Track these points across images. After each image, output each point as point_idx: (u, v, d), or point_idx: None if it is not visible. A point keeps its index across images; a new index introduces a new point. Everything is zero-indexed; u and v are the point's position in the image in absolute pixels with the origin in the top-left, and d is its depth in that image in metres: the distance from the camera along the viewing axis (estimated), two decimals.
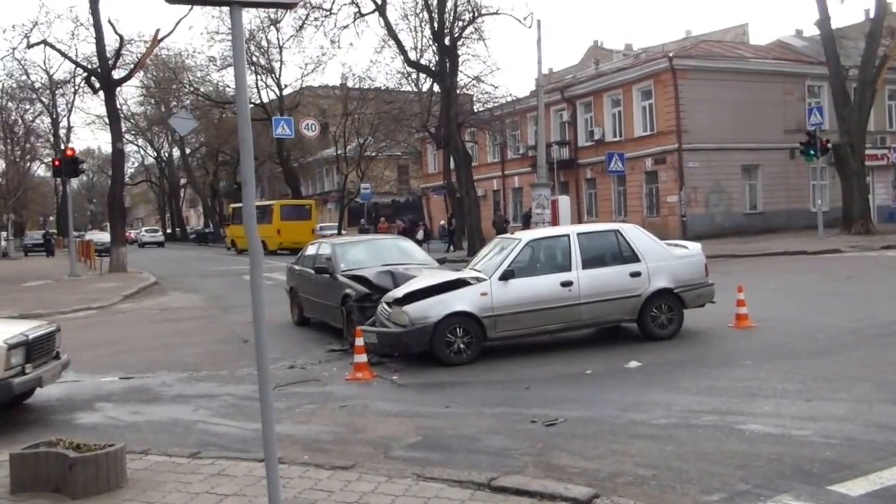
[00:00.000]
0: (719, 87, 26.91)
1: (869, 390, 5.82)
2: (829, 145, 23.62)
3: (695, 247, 9.15)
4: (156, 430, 5.97)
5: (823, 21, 24.18)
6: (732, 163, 27.62)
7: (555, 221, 20.48)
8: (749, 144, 27.50)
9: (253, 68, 35.59)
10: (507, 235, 9.70)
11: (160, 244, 51.47)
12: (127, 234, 33.10)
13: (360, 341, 7.43)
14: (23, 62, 35.00)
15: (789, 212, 28.39)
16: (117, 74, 24.85)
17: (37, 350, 6.06)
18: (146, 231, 56.97)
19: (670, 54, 28.30)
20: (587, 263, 8.34)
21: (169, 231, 64.15)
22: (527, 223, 27.40)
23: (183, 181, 62.84)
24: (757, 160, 28.17)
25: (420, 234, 33.20)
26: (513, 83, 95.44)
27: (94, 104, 75.86)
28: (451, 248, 30.09)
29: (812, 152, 23.44)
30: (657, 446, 4.74)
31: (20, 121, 44.41)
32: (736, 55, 29.24)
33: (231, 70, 34.61)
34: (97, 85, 24.71)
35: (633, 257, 8.51)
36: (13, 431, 6.03)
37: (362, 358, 7.39)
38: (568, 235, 8.59)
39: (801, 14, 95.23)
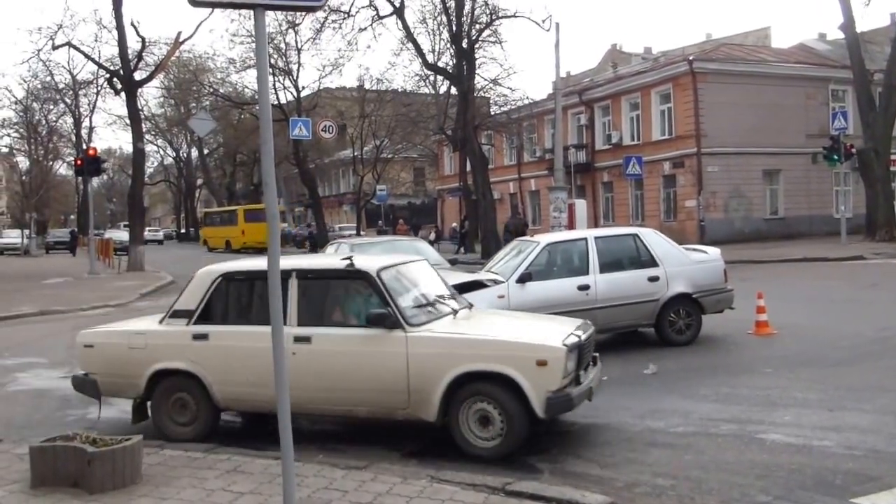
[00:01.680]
0: (740, 91, 26.68)
1: (894, 401, 5.72)
2: (854, 150, 23.32)
3: (714, 252, 9.09)
4: None
5: (848, 25, 23.90)
6: (753, 167, 27.39)
7: (571, 225, 20.38)
8: (770, 149, 27.22)
9: (271, 70, 35.87)
10: (526, 238, 9.68)
11: (159, 242, 52.80)
12: None
13: None
14: (48, 63, 35.56)
15: (811, 217, 28.07)
16: (139, 76, 25.15)
17: (584, 353, 5.09)
18: (148, 231, 57.94)
19: (690, 57, 28.13)
20: (605, 267, 8.32)
21: (183, 231, 64.84)
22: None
23: (200, 181, 63.43)
24: (778, 165, 27.90)
25: (431, 236, 33.33)
26: (530, 86, 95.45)
27: (116, 105, 76.82)
28: (462, 250, 30.18)
29: (836, 157, 23.14)
30: (675, 455, 4.69)
31: (44, 121, 45.12)
32: (757, 59, 29.00)
33: (250, 72, 34.97)
34: (119, 86, 25.01)
35: (652, 261, 8.46)
36: (29, 423, 6.10)
37: None
38: (586, 239, 8.57)
39: (824, 17, 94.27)
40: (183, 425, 5.42)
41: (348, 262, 5.13)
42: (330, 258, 6.32)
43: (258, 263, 5.53)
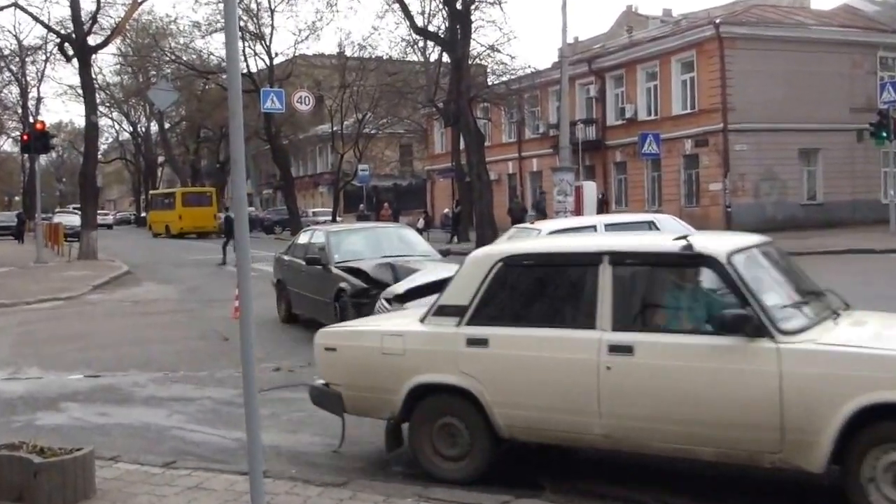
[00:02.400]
0: (773, 59, 26.54)
1: None
2: None
3: None
4: (126, 434, 6.03)
5: None
6: (787, 146, 27.33)
7: (578, 211, 20.40)
8: (807, 125, 27.13)
9: (241, 34, 35.65)
10: (526, 225, 9.67)
11: (109, 227, 53.04)
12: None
13: None
14: None
15: (854, 203, 27.96)
16: (93, 41, 24.98)
17: None
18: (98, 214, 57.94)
19: (716, 20, 28.01)
20: None
21: (143, 215, 64.65)
22: (541, 211, 27.21)
23: (161, 159, 63.16)
24: (817, 143, 27.86)
25: (420, 223, 33.36)
26: (532, 54, 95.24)
27: (67, 73, 76.57)
28: (456, 238, 30.16)
29: (884, 135, 22.99)
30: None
31: None
32: (794, 21, 28.92)
33: (217, 37, 34.82)
34: (71, 52, 24.83)
35: None
36: None
37: None
38: (594, 226, 8.56)
39: None
40: (451, 459, 4.62)
41: (684, 242, 4.19)
42: (655, 238, 5.36)
43: (554, 244, 5.02)
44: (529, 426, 4.44)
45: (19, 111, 46.01)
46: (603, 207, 26.17)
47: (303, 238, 11.82)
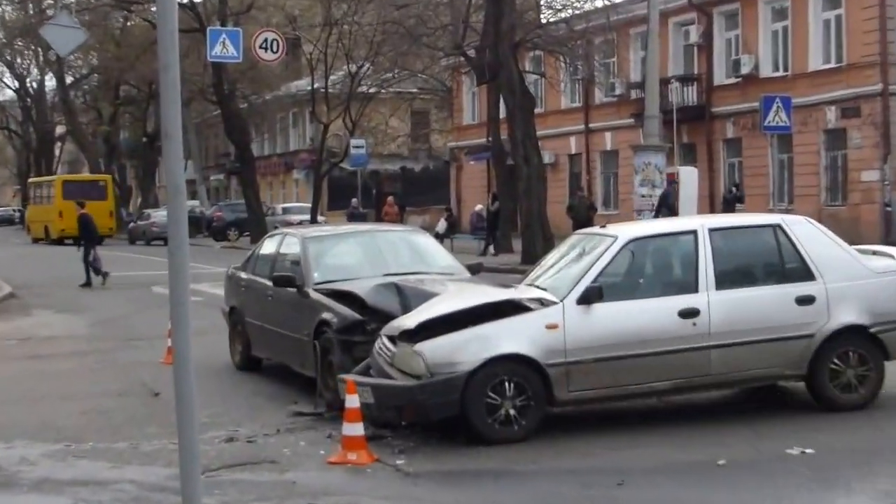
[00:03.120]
0: None
1: None
2: None
3: None
4: None
5: None
6: None
7: (672, 209, 20.41)
8: None
9: None
10: (595, 230, 9.68)
11: None
12: None
13: (353, 400, 7.50)
14: None
15: None
16: None
17: None
18: None
19: None
20: (724, 280, 8.34)
21: None
22: (666, 206, 26.38)
23: (61, 130, 63.76)
24: None
25: (441, 226, 33.53)
26: None
27: None
28: (493, 247, 30.22)
29: None
30: None
31: None
32: None
33: None
34: None
35: (804, 271, 8.49)
36: None
37: (356, 429, 7.41)
38: (695, 232, 8.57)
39: None
40: None
41: None
42: None
43: None
44: None
45: None
46: (732, 205, 26.00)
47: (268, 246, 11.79)
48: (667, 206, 22.08)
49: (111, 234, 41.53)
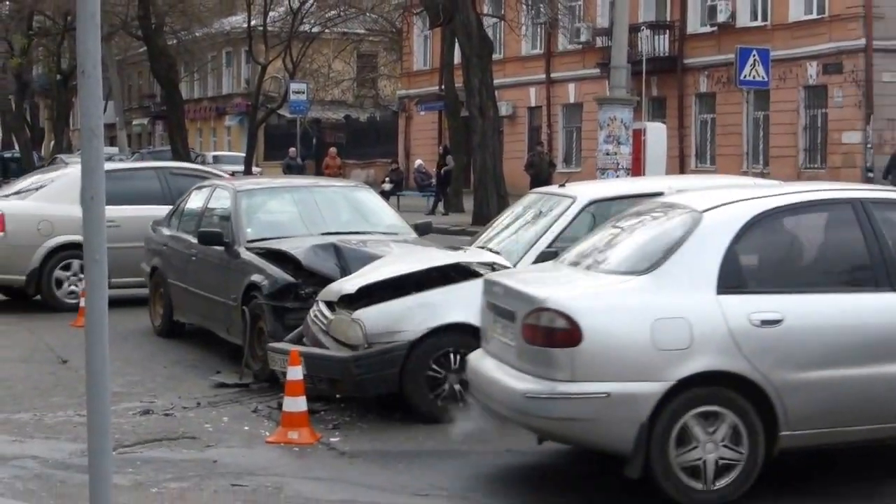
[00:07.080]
0: None
1: None
2: None
3: None
4: None
5: None
6: None
7: (637, 168, 20.44)
8: None
9: None
10: (553, 189, 9.67)
11: None
12: None
13: (295, 371, 7.40)
14: None
15: None
16: None
17: None
18: None
19: None
20: None
21: None
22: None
23: None
24: None
25: (386, 181, 33.65)
26: None
27: None
28: (443, 206, 30.43)
29: None
30: None
31: None
32: None
33: None
34: None
35: None
36: None
37: (298, 404, 7.35)
38: (661, 194, 8.52)
39: None
40: None
41: None
42: None
43: None
44: None
45: None
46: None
47: (195, 200, 11.68)
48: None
49: None
